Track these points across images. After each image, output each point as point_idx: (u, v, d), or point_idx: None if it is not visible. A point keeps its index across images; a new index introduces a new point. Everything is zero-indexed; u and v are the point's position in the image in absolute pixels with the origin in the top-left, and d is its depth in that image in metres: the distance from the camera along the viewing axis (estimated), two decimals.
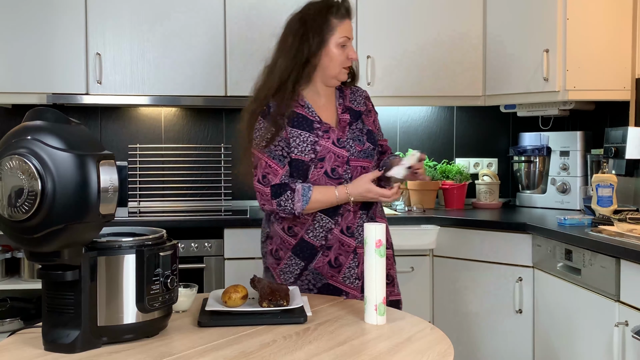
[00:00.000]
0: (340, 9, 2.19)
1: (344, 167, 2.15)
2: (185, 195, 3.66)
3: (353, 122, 2.23)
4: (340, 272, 2.16)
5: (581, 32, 3.08)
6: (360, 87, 2.36)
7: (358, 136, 2.20)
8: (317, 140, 2.14)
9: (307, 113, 2.18)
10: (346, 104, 2.26)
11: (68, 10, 3.23)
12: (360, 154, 2.18)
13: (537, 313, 2.80)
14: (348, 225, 2.16)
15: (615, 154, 2.91)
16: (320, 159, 2.13)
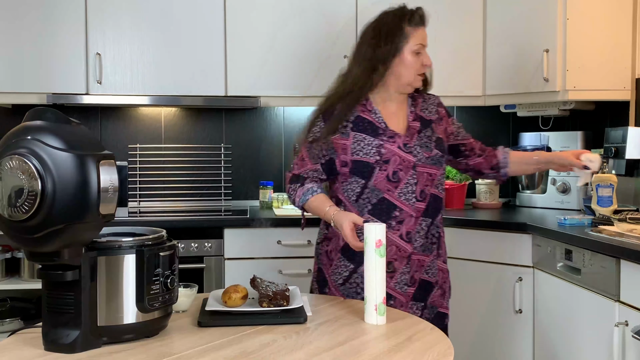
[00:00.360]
0: (414, 17, 2.20)
1: (409, 172, 2.15)
2: (185, 195, 3.66)
3: (422, 129, 2.22)
4: (393, 278, 2.14)
5: (581, 32, 3.08)
6: (433, 94, 2.36)
7: (426, 143, 2.19)
8: (382, 144, 2.16)
9: (374, 119, 2.20)
10: (417, 112, 2.26)
11: (68, 10, 3.23)
12: (428, 160, 2.17)
13: (537, 313, 2.80)
14: (408, 231, 2.15)
15: (615, 154, 2.91)
16: (385, 161, 2.14)
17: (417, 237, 2.16)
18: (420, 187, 2.16)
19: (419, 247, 2.17)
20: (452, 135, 2.34)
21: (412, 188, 2.15)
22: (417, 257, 2.16)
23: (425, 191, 2.16)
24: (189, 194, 3.67)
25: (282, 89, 3.36)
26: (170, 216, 3.25)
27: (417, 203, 2.15)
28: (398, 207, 2.14)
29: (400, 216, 2.14)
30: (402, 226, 2.14)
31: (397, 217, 2.14)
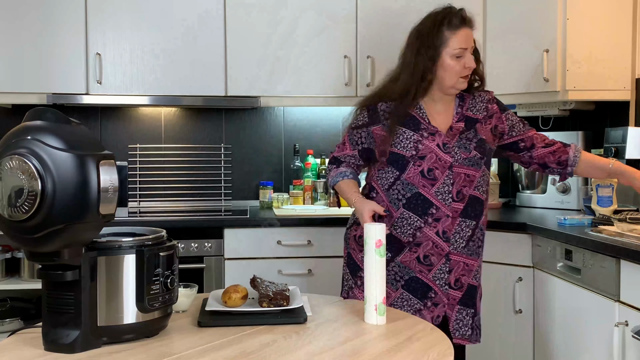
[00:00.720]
0: (452, 20, 2.21)
1: (445, 172, 2.17)
2: (185, 195, 3.66)
3: (465, 130, 2.22)
4: (431, 271, 2.18)
5: (581, 32, 3.08)
6: (487, 90, 2.34)
7: (465, 144, 2.20)
8: (421, 140, 2.19)
9: (418, 114, 2.24)
10: (464, 112, 2.26)
11: (68, 10, 3.23)
12: (465, 161, 2.18)
13: (537, 313, 2.80)
14: (444, 230, 2.17)
15: (615, 154, 2.91)
16: (420, 157, 2.18)
17: (457, 238, 2.18)
18: (457, 187, 2.17)
19: (462, 249, 2.19)
20: (506, 133, 2.31)
21: (448, 188, 2.17)
22: (459, 258, 2.18)
23: (463, 192, 2.18)
24: (189, 194, 3.67)
25: (282, 89, 3.36)
26: (170, 216, 3.24)
27: (453, 203, 2.17)
28: (434, 204, 2.16)
29: (437, 214, 2.17)
30: (439, 224, 2.17)
31: (434, 214, 2.17)
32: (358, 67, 3.39)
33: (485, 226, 2.28)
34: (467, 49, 2.20)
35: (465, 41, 2.20)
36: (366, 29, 3.39)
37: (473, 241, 2.20)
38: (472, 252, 2.21)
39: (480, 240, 2.24)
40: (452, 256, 2.18)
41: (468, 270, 2.20)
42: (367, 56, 3.38)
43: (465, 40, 2.20)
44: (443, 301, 2.19)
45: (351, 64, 3.38)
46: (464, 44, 2.20)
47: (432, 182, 2.17)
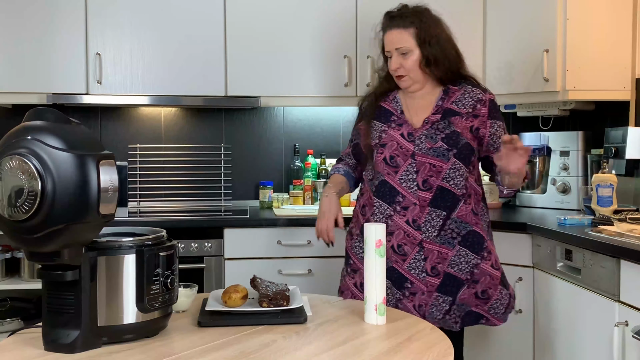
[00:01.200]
0: (383, 22, 2.28)
1: (407, 159, 2.19)
2: (185, 195, 3.66)
3: (440, 121, 2.21)
4: (406, 262, 2.20)
5: (581, 32, 3.08)
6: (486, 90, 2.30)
7: (433, 134, 2.19)
8: (386, 130, 2.24)
9: (392, 107, 2.29)
10: (446, 104, 2.24)
11: (68, 10, 3.23)
12: (429, 151, 2.18)
13: (537, 313, 2.80)
14: (414, 218, 2.18)
15: (615, 154, 2.91)
16: (382, 145, 2.22)
17: (428, 227, 2.19)
18: (423, 176, 2.18)
19: (434, 238, 2.19)
20: (485, 143, 2.25)
21: (412, 176, 2.18)
22: (432, 247, 2.19)
23: (429, 182, 2.18)
24: (189, 194, 3.67)
25: (282, 89, 3.36)
26: (170, 216, 3.24)
27: (419, 192, 2.18)
28: (400, 192, 2.18)
29: (404, 202, 2.18)
30: (408, 212, 2.18)
31: (401, 202, 2.19)
32: (358, 67, 3.39)
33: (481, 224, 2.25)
34: (394, 51, 2.23)
35: (389, 43, 2.24)
36: (366, 29, 3.39)
37: (445, 231, 2.19)
38: (445, 241, 2.19)
39: (455, 232, 2.20)
40: (425, 244, 2.19)
41: (442, 259, 2.19)
42: (367, 56, 3.38)
43: (389, 42, 2.24)
44: (422, 289, 2.20)
45: (351, 64, 3.38)
46: (387, 46, 2.26)
47: (395, 169, 2.20)
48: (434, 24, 2.26)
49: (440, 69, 2.23)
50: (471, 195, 2.24)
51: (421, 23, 2.22)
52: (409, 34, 2.22)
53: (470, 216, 2.23)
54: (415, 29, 2.21)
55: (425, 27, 2.22)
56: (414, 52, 2.22)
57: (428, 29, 2.22)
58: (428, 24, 2.23)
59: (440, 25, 2.29)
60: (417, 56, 2.22)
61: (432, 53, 2.21)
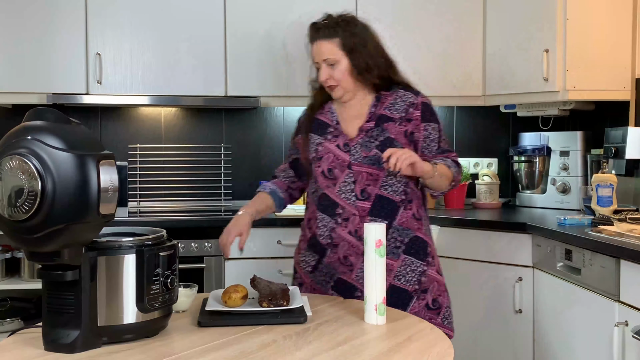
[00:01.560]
0: (309, 33, 2.23)
1: (344, 170, 2.15)
2: (185, 195, 3.66)
3: (374, 128, 2.17)
4: (353, 272, 2.16)
5: (581, 32, 3.08)
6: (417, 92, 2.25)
7: (367, 142, 2.15)
8: (322, 142, 2.20)
9: (328, 119, 2.25)
10: (379, 111, 2.20)
11: (68, 10, 3.23)
12: (365, 160, 2.14)
13: (537, 313, 2.80)
14: (355, 229, 2.14)
15: (615, 154, 2.91)
16: (319, 158, 2.20)
17: None
18: (361, 186, 2.14)
19: None
20: (420, 147, 2.20)
21: (351, 187, 2.15)
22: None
23: (367, 190, 2.14)
24: (189, 194, 3.67)
25: (282, 89, 3.36)
26: (170, 216, 3.24)
27: (358, 202, 2.14)
28: (339, 204, 2.15)
29: (344, 214, 2.15)
30: (349, 224, 2.15)
31: (342, 214, 2.15)
32: None
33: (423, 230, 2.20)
34: (322, 62, 2.18)
35: (317, 55, 2.19)
36: None
37: (388, 241, 2.13)
38: (389, 252, 2.13)
39: (399, 241, 2.15)
40: None
41: (388, 270, 2.11)
42: None
43: (317, 53, 2.19)
44: None
45: None
46: (315, 57, 2.21)
47: (334, 181, 2.17)
48: (360, 31, 2.20)
49: (372, 75, 2.19)
50: (412, 200, 2.18)
51: (345, 32, 2.16)
52: (334, 45, 2.16)
53: (412, 222, 2.17)
54: (340, 38, 2.16)
55: (350, 36, 2.16)
56: (341, 62, 2.16)
57: (354, 37, 2.17)
58: (354, 32, 2.18)
59: (368, 32, 2.23)
60: (346, 66, 2.16)
61: (360, 61, 2.16)
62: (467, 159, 3.79)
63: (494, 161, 3.80)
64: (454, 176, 2.19)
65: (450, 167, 2.18)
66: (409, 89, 2.26)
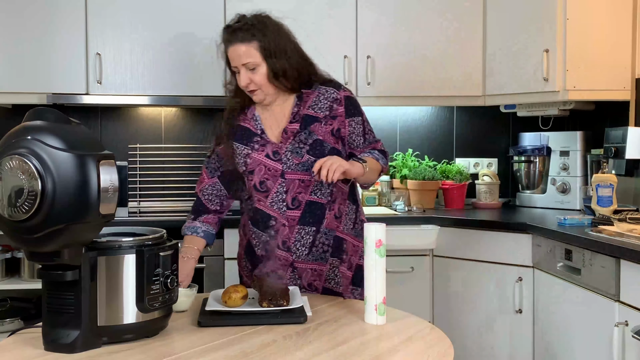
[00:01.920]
0: (223, 36, 2.11)
1: (277, 180, 2.09)
2: (186, 195, 3.66)
3: (300, 131, 2.10)
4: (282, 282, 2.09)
5: (581, 32, 3.08)
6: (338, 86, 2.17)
7: (298, 148, 2.09)
8: (250, 153, 2.12)
9: (252, 126, 2.16)
10: (303, 111, 2.13)
11: (68, 10, 3.23)
12: (298, 167, 2.08)
13: (537, 313, 2.80)
14: (284, 240, 2.10)
15: (615, 154, 2.91)
16: (250, 172, 2.12)
17: (298, 246, 2.10)
18: (292, 194, 2.09)
19: (305, 257, 2.11)
20: (347, 142, 2.17)
21: (282, 197, 2.09)
22: (305, 265, 2.11)
23: (298, 198, 2.09)
24: (189, 194, 3.66)
25: None
26: (170, 216, 3.24)
27: (288, 212, 2.08)
28: (272, 216, 2.09)
29: (276, 225, 2.09)
30: (279, 235, 2.10)
31: (274, 226, 2.09)
32: (358, 67, 3.39)
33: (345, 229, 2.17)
34: (241, 66, 2.07)
35: (235, 58, 2.08)
36: (366, 29, 3.39)
37: (316, 247, 2.11)
38: (317, 257, 2.11)
39: (327, 245, 2.12)
40: (297, 264, 2.11)
41: (318, 275, 2.12)
42: (367, 56, 3.38)
43: (235, 57, 2.08)
44: None
45: (351, 64, 3.38)
46: (233, 61, 2.09)
47: (266, 194, 2.10)
48: (277, 33, 2.11)
49: (290, 80, 2.11)
50: (336, 199, 2.14)
51: (264, 35, 2.07)
52: (254, 48, 2.06)
53: (333, 222, 2.14)
54: (259, 41, 2.06)
55: (269, 38, 2.07)
56: (261, 65, 2.07)
57: (272, 40, 2.08)
58: (272, 34, 2.09)
59: (283, 33, 2.14)
60: (266, 69, 2.07)
61: (278, 65, 2.07)
62: (467, 159, 3.79)
63: (494, 161, 3.80)
64: (382, 167, 2.18)
65: (379, 159, 2.17)
66: (329, 83, 2.18)
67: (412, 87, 3.41)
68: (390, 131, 3.78)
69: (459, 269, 3.06)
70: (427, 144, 3.81)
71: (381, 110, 3.76)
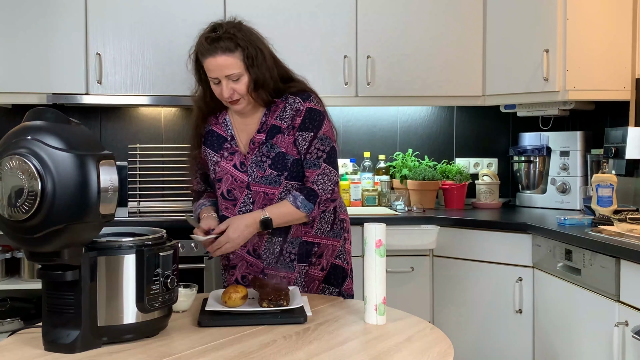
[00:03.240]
0: (201, 48, 2.02)
1: (244, 191, 2.10)
2: (186, 195, 3.65)
3: (265, 142, 2.09)
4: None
5: (581, 32, 3.08)
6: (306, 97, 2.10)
7: (260, 162, 2.08)
8: (219, 161, 2.12)
9: (223, 131, 2.16)
10: (270, 120, 2.10)
11: (68, 10, 3.23)
12: (261, 179, 2.08)
13: (537, 313, 2.80)
14: (254, 248, 2.12)
15: (615, 154, 2.91)
16: (218, 180, 2.14)
17: (267, 254, 2.12)
18: (258, 205, 2.09)
19: (275, 265, 2.12)
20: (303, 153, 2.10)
21: (249, 207, 2.10)
22: (275, 272, 2.12)
23: None
24: (189, 194, 3.65)
25: None
26: (170, 216, 3.24)
27: None
28: None
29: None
30: (248, 243, 2.12)
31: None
32: (358, 67, 3.39)
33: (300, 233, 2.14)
34: (222, 78, 2.01)
35: (217, 69, 2.00)
36: (366, 29, 3.39)
37: (284, 256, 2.12)
38: (285, 266, 2.12)
39: (293, 253, 2.13)
40: (267, 271, 2.13)
41: (288, 282, 2.12)
42: (367, 56, 3.38)
43: (217, 68, 2.00)
44: None
45: (351, 64, 3.38)
46: (214, 72, 2.01)
47: (233, 202, 2.11)
48: (255, 40, 2.05)
49: (266, 90, 2.06)
50: None
51: (247, 43, 2.01)
52: (236, 58, 2.00)
53: (300, 230, 2.14)
54: (242, 51, 2.00)
55: (251, 48, 2.01)
56: (244, 75, 2.02)
57: (253, 48, 2.02)
58: (252, 42, 2.03)
59: (259, 39, 2.08)
60: (249, 78, 2.02)
61: (258, 75, 2.03)
62: (467, 159, 3.79)
63: (494, 161, 3.80)
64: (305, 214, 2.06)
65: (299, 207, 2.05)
66: (299, 93, 2.11)
67: (412, 87, 3.41)
68: (390, 131, 3.78)
69: (459, 269, 3.06)
70: (427, 144, 3.81)
71: (381, 110, 3.76)
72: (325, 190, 2.08)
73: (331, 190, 2.09)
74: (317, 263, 2.17)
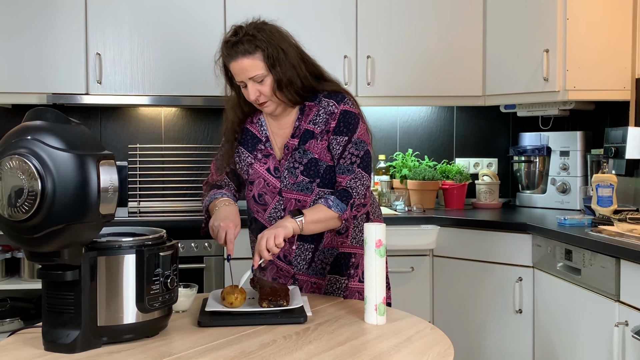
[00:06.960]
0: (224, 51, 2.01)
1: (275, 197, 2.06)
2: (185, 195, 3.66)
3: (298, 148, 2.04)
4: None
5: (581, 32, 3.08)
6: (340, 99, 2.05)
7: (293, 168, 2.04)
8: (253, 163, 2.09)
9: (258, 131, 2.12)
10: (304, 124, 2.06)
11: (68, 10, 3.24)
12: (293, 186, 2.04)
13: (537, 313, 2.80)
14: (285, 254, 2.09)
15: (615, 154, 2.91)
16: (250, 182, 2.11)
17: (299, 261, 2.09)
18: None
19: (306, 270, 2.10)
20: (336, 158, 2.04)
21: (280, 214, 2.06)
22: (305, 278, 2.11)
23: None
24: (189, 194, 3.67)
25: None
26: (170, 216, 3.24)
27: None
28: None
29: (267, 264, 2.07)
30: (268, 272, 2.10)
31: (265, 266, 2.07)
32: (358, 67, 3.39)
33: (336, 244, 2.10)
34: (248, 80, 1.98)
35: (241, 73, 1.98)
36: (366, 29, 3.39)
37: (315, 262, 2.10)
38: (317, 272, 2.10)
39: (325, 262, 2.10)
40: (298, 276, 2.10)
41: (318, 288, 2.12)
42: (367, 56, 3.38)
43: (241, 72, 1.97)
44: None
45: (351, 64, 3.38)
46: (238, 76, 1.99)
47: (264, 207, 2.08)
48: (278, 38, 2.01)
49: (294, 89, 2.01)
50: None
51: (267, 43, 1.97)
52: (258, 60, 1.96)
53: (335, 240, 2.10)
54: (263, 51, 1.96)
55: (272, 47, 1.97)
56: (268, 76, 1.98)
57: (275, 47, 1.98)
58: (273, 41, 1.99)
59: (284, 37, 2.03)
60: (271, 80, 1.98)
61: (283, 74, 1.98)
62: (467, 159, 3.80)
63: (494, 161, 3.80)
64: (338, 214, 1.97)
65: (331, 206, 1.97)
66: (333, 95, 2.06)
67: (412, 87, 3.41)
68: (390, 131, 3.78)
69: (459, 269, 3.06)
70: (427, 144, 3.81)
71: (381, 110, 3.76)
72: (358, 194, 2.03)
73: (364, 194, 2.04)
74: (355, 275, 2.13)
